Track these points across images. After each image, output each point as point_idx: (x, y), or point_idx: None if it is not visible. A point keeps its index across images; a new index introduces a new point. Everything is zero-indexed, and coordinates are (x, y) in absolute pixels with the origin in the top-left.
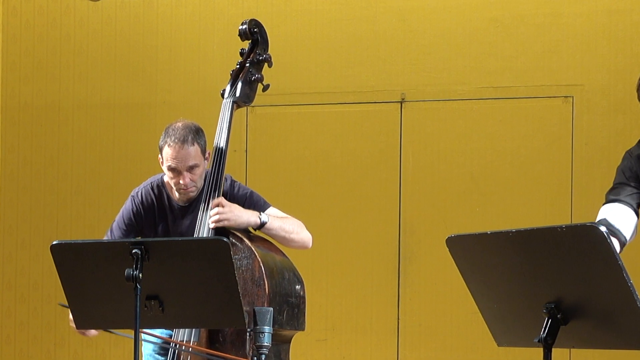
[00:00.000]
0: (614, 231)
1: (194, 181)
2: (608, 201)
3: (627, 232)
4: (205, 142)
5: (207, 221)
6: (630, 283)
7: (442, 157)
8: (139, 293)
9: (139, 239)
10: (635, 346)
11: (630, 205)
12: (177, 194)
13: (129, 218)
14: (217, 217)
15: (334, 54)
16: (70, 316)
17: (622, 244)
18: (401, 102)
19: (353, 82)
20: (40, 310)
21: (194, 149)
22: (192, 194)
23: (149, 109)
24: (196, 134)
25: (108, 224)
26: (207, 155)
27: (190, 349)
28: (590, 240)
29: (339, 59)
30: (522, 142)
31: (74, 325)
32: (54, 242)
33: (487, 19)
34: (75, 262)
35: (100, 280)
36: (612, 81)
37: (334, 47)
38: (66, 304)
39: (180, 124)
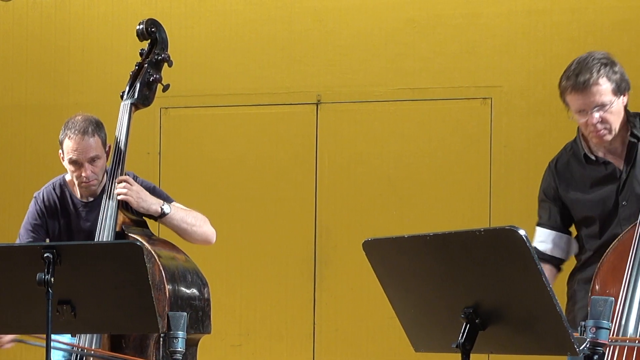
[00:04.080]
0: (545, 259)
1: (95, 173)
2: (537, 224)
3: (560, 252)
4: (105, 135)
5: (112, 208)
6: (550, 287)
7: (358, 160)
8: (50, 298)
9: (49, 242)
10: (554, 351)
11: (551, 226)
12: (78, 192)
13: (34, 219)
14: (123, 190)
15: (248, 55)
16: None
17: (558, 266)
18: (317, 104)
19: (268, 83)
20: None
21: (94, 140)
22: (94, 188)
23: (60, 110)
24: (96, 126)
25: (19, 227)
26: (107, 149)
27: (92, 353)
28: (509, 244)
29: (254, 60)
30: (440, 144)
31: None
32: None
33: (404, 20)
34: None
35: (11, 284)
36: (532, 82)
37: (249, 48)
38: None
39: (79, 117)
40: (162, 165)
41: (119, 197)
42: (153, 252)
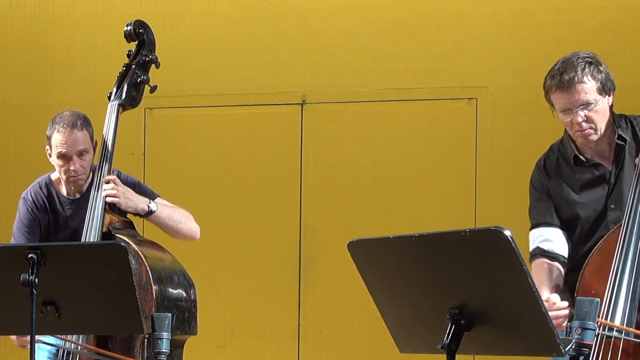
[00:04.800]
0: (551, 256)
1: (83, 167)
2: (534, 225)
3: (562, 249)
4: (92, 130)
5: (99, 207)
6: (535, 288)
7: (343, 160)
8: (34, 298)
9: (35, 243)
10: (539, 352)
11: (552, 224)
12: (64, 190)
13: (27, 219)
14: (111, 192)
15: (233, 55)
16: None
17: (564, 264)
18: (302, 104)
19: (253, 83)
20: None
21: (83, 134)
22: (82, 182)
23: (45, 110)
24: (84, 120)
25: (2, 228)
26: (94, 144)
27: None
28: (494, 245)
29: (239, 60)
30: (426, 144)
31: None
32: None
33: (389, 20)
34: None
35: None
36: (517, 82)
37: (234, 48)
38: None
39: (67, 112)
40: (147, 166)
41: (107, 199)
42: (140, 253)
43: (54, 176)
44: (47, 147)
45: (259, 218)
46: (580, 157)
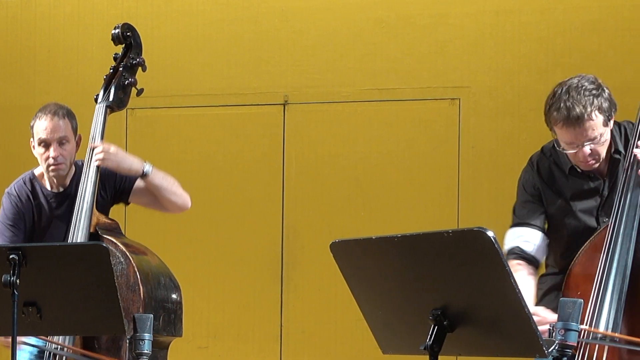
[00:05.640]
0: (529, 259)
1: (63, 157)
2: (517, 224)
3: (541, 255)
4: (76, 124)
5: (85, 206)
6: (519, 289)
7: (326, 161)
8: (16, 299)
9: (16, 244)
10: (522, 353)
11: (538, 227)
12: (48, 184)
13: (12, 213)
14: (101, 155)
15: (215, 55)
16: None
17: (537, 269)
18: (284, 105)
19: (235, 83)
20: None
21: (64, 123)
22: (62, 172)
23: (26, 111)
24: (68, 112)
25: None
26: (77, 139)
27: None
28: (477, 245)
29: (221, 61)
30: (408, 145)
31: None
32: None
33: (372, 20)
34: None
35: None
36: (500, 83)
37: (216, 48)
38: None
39: (52, 103)
40: None
41: (97, 163)
42: (128, 254)
43: (38, 171)
44: (31, 139)
45: (241, 218)
46: (578, 168)
